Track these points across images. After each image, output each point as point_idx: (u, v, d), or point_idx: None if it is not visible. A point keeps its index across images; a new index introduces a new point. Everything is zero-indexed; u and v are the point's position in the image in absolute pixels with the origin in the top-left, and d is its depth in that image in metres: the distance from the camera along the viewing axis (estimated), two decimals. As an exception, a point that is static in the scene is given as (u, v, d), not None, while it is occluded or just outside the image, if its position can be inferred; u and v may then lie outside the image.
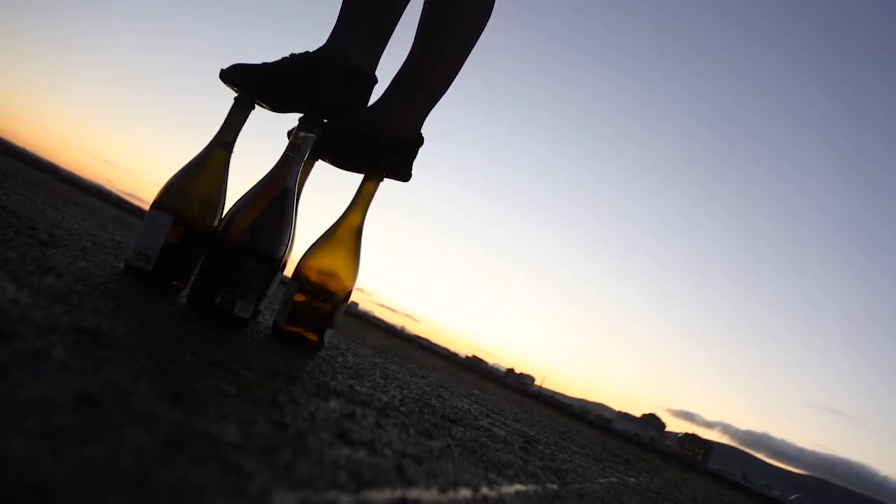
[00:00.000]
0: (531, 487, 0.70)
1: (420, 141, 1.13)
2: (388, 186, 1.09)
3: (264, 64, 1.04)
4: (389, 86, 1.13)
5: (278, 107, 1.05)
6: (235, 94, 1.01)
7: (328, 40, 1.08)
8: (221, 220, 0.93)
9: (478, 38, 1.15)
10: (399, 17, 1.13)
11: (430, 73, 1.13)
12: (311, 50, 1.08)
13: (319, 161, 1.11)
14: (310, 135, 0.93)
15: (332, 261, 1.02)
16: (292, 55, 1.06)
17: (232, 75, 1.02)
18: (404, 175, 1.12)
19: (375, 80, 1.09)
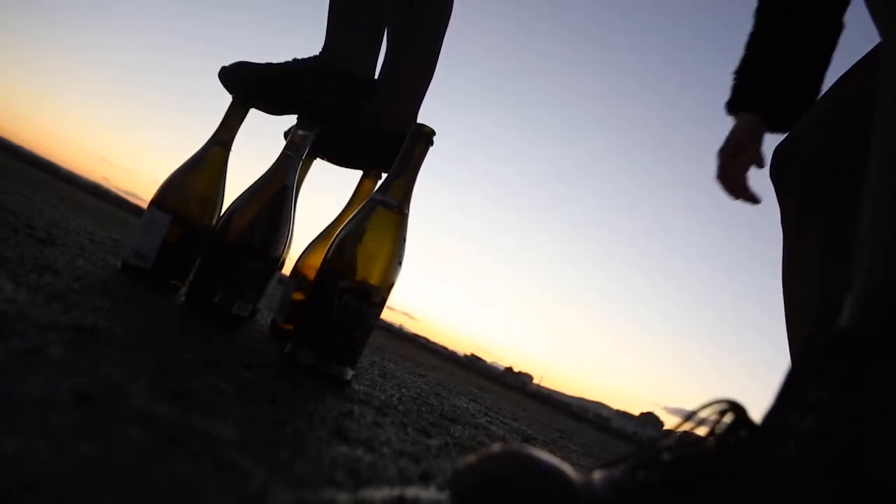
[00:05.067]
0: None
1: None
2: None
3: (267, 64, 1.04)
4: (378, 81, 1.13)
5: (276, 110, 1.05)
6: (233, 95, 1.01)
7: (325, 46, 1.08)
8: (220, 218, 0.93)
9: (450, 10, 1.17)
10: (389, 19, 1.14)
11: (412, 61, 1.15)
12: (311, 55, 1.08)
13: (317, 159, 1.11)
14: (308, 133, 0.93)
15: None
16: (295, 60, 1.06)
17: (231, 77, 1.02)
18: None
19: (374, 86, 1.09)
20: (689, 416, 0.46)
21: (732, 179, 0.99)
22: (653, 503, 0.41)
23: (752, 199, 1.00)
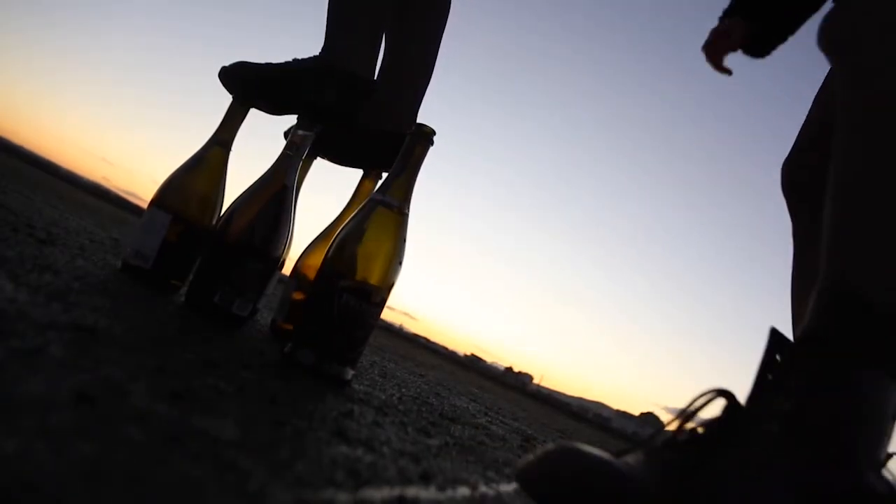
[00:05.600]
0: (529, 486, 0.70)
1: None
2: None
3: (267, 64, 1.04)
4: (377, 81, 1.13)
5: (276, 110, 1.05)
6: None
7: (324, 46, 1.08)
8: (220, 218, 0.93)
9: (448, 9, 1.19)
10: (389, 20, 1.14)
11: (412, 60, 1.15)
12: (311, 55, 1.08)
13: (318, 159, 1.11)
14: (308, 133, 0.93)
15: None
16: (295, 60, 1.06)
17: (231, 77, 1.02)
18: None
19: (374, 86, 1.10)
20: (690, 404, 0.56)
21: (714, 53, 1.16)
22: (686, 477, 0.52)
23: (726, 71, 1.16)
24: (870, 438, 0.51)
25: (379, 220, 0.80)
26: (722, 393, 0.55)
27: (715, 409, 0.56)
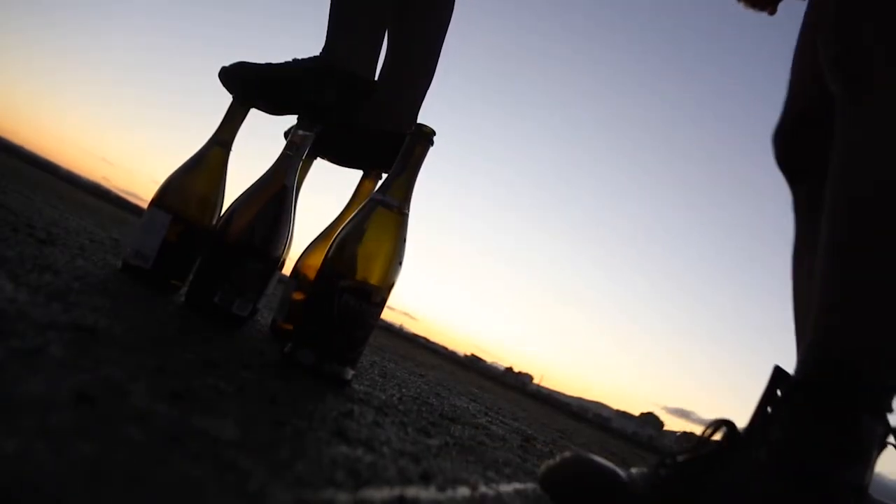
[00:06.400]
0: (529, 486, 0.70)
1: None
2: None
3: (268, 64, 1.04)
4: (378, 81, 1.13)
5: (276, 110, 1.05)
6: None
7: (325, 47, 1.08)
8: (220, 218, 0.93)
9: (451, 11, 1.19)
10: (390, 20, 1.14)
11: (413, 61, 1.15)
12: (311, 55, 1.08)
13: (318, 159, 1.11)
14: (308, 133, 0.93)
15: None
16: (295, 60, 1.06)
17: (231, 77, 1.02)
18: None
19: (375, 85, 1.10)
20: (705, 429, 0.64)
21: None
22: (672, 490, 0.60)
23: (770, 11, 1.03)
24: (851, 468, 0.56)
25: (379, 220, 0.80)
26: (725, 423, 0.62)
27: (718, 436, 0.63)
